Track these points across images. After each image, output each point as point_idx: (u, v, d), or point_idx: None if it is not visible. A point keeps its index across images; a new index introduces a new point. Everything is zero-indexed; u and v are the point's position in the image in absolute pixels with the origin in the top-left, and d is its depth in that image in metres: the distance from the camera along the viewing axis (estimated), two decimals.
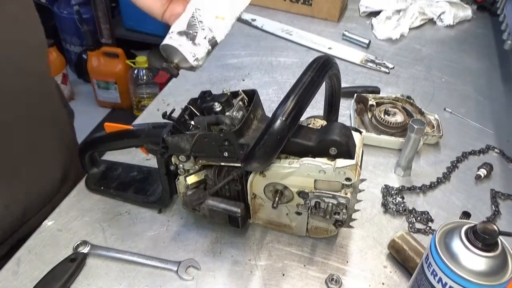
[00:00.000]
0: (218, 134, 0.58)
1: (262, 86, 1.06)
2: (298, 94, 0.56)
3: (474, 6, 1.44)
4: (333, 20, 1.34)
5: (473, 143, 0.92)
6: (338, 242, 0.71)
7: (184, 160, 0.64)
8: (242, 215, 0.65)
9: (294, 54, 1.19)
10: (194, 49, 0.50)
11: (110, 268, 0.66)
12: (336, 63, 0.62)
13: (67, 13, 2.53)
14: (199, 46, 0.50)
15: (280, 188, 0.63)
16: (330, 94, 0.68)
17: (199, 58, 0.50)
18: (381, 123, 0.90)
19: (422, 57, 1.21)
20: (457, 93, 1.08)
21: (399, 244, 0.66)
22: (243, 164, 0.58)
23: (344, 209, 0.61)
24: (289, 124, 0.54)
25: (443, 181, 0.83)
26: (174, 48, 0.50)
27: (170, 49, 0.51)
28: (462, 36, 1.33)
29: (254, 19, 1.32)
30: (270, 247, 0.70)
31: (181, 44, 0.50)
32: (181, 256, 0.67)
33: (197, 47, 0.50)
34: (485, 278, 0.46)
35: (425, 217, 0.75)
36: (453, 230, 0.50)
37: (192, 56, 0.50)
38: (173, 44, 0.50)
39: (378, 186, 0.81)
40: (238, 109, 0.61)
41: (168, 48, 0.51)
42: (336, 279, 0.65)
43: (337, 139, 0.56)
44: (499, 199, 0.80)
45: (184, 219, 0.73)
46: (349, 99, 0.99)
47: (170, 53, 0.52)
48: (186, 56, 0.50)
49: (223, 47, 1.21)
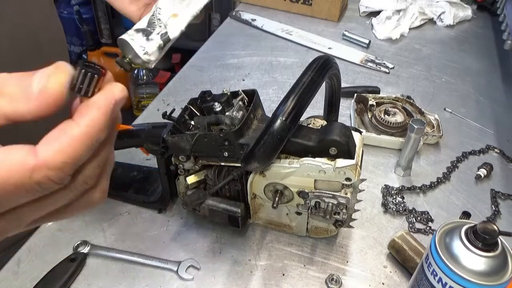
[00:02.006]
0: (218, 134, 0.58)
1: (262, 86, 1.06)
2: (298, 94, 0.56)
3: (474, 6, 1.44)
4: (333, 20, 1.34)
5: (473, 143, 0.92)
6: (338, 242, 0.71)
7: (184, 160, 0.64)
8: (242, 215, 0.65)
9: (294, 54, 1.19)
10: (145, 43, 0.52)
11: (110, 268, 0.66)
12: (336, 63, 0.62)
13: (67, 13, 2.53)
14: (151, 41, 0.53)
15: (280, 188, 0.63)
16: (330, 94, 0.68)
17: (149, 52, 0.52)
18: (381, 123, 0.90)
19: (422, 57, 1.21)
20: (457, 93, 1.08)
21: (399, 244, 0.66)
22: (243, 164, 0.58)
23: (344, 209, 0.61)
24: (289, 124, 0.54)
25: (443, 181, 0.83)
26: (126, 43, 0.52)
27: (124, 43, 0.53)
28: (462, 36, 1.33)
29: (254, 19, 1.32)
30: (270, 247, 0.70)
31: (134, 39, 0.53)
32: (181, 256, 0.67)
33: (149, 42, 0.53)
34: (485, 278, 0.46)
35: (425, 217, 0.75)
36: (453, 230, 0.50)
37: (142, 50, 0.52)
38: (126, 38, 0.53)
39: (378, 186, 0.81)
40: (238, 109, 0.61)
41: (123, 43, 0.53)
42: (336, 279, 0.65)
43: (337, 139, 0.56)
44: (499, 199, 0.80)
45: (184, 219, 0.73)
46: (349, 99, 0.99)
47: (124, 48, 0.54)
48: (135, 50, 0.52)
49: (223, 47, 1.21)
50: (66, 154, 0.27)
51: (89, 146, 0.28)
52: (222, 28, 1.31)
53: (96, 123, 0.28)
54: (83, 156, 0.28)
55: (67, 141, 0.27)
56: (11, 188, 0.27)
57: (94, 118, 0.28)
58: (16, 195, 0.28)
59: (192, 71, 1.11)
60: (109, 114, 0.29)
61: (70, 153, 0.27)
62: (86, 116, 0.28)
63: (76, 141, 0.27)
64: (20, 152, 0.27)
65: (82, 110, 0.28)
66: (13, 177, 0.27)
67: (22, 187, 0.27)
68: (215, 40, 1.25)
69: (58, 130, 0.28)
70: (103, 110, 0.28)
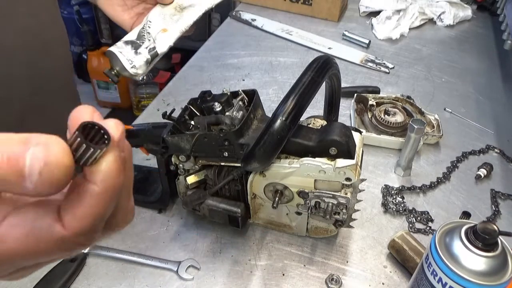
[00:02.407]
0: (218, 134, 0.58)
1: (262, 86, 1.06)
2: (298, 94, 0.56)
3: (474, 6, 1.44)
4: (333, 20, 1.34)
5: (473, 143, 0.92)
6: (338, 242, 0.71)
7: (184, 160, 0.64)
8: (242, 215, 0.65)
9: (294, 54, 1.19)
10: (133, 57, 0.53)
11: (110, 268, 0.66)
12: (336, 63, 0.62)
13: (67, 13, 2.53)
14: (139, 55, 0.53)
15: (280, 188, 0.63)
16: (330, 94, 0.68)
17: (136, 66, 0.53)
18: (381, 123, 0.90)
19: (422, 57, 1.21)
20: (457, 93, 1.08)
21: (399, 244, 0.66)
22: (243, 164, 0.58)
23: (344, 209, 0.61)
24: (289, 124, 0.54)
25: (443, 181, 0.83)
26: (115, 55, 0.53)
27: (112, 55, 0.54)
28: (462, 36, 1.33)
29: (254, 19, 1.32)
30: (270, 247, 0.70)
31: (122, 51, 0.53)
32: (181, 256, 0.67)
33: (137, 56, 0.53)
34: (485, 278, 0.46)
35: (425, 217, 0.75)
36: (453, 230, 0.50)
37: (129, 63, 0.53)
38: (114, 51, 0.54)
39: (378, 186, 0.81)
40: (238, 109, 0.61)
41: (111, 55, 0.54)
42: (336, 279, 0.65)
43: (337, 139, 0.56)
44: (499, 199, 0.80)
45: (184, 219, 0.73)
46: (349, 99, 0.99)
47: (112, 59, 0.54)
48: (123, 63, 0.52)
49: (223, 47, 1.21)
50: (93, 216, 0.26)
51: (112, 197, 0.27)
52: (222, 28, 1.31)
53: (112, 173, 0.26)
54: (110, 208, 0.27)
55: (91, 203, 0.26)
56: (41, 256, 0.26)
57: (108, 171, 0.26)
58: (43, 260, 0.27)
59: (192, 71, 1.11)
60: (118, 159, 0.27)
61: (97, 213, 0.26)
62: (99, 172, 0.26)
63: (100, 200, 0.26)
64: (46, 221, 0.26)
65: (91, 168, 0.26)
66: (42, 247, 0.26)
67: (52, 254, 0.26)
68: (215, 40, 1.25)
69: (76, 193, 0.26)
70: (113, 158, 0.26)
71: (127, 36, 0.55)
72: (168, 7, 0.57)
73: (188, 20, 0.57)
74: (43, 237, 0.25)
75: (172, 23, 0.56)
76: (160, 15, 0.56)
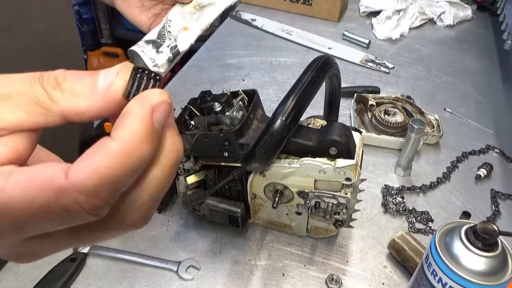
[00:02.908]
0: (218, 134, 0.58)
1: (262, 86, 1.06)
2: (298, 94, 0.56)
3: (474, 6, 1.44)
4: (333, 20, 1.34)
5: (473, 143, 0.92)
6: (338, 242, 0.71)
7: (184, 160, 0.64)
8: (242, 215, 0.65)
9: (294, 54, 1.19)
10: (155, 56, 0.53)
11: (110, 268, 0.66)
12: (336, 63, 0.62)
13: None
14: (161, 54, 0.53)
15: (280, 188, 0.63)
16: (330, 94, 0.68)
17: (158, 65, 0.53)
18: (381, 123, 0.90)
19: (422, 57, 1.21)
20: (457, 93, 1.08)
21: (399, 244, 0.66)
22: (243, 164, 0.58)
23: (344, 209, 0.61)
24: (289, 124, 0.54)
25: (443, 181, 0.83)
26: (137, 54, 0.53)
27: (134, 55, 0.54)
28: (462, 36, 1.33)
29: (254, 19, 1.32)
30: (270, 247, 0.70)
31: (144, 50, 0.53)
32: (181, 256, 0.67)
33: (159, 54, 0.53)
34: (485, 278, 0.46)
35: (425, 217, 0.75)
36: (453, 230, 0.50)
37: (151, 62, 0.53)
38: (136, 50, 0.54)
39: (378, 186, 0.81)
40: (238, 109, 0.61)
41: (133, 54, 0.54)
42: (336, 279, 0.65)
43: (337, 139, 0.56)
44: (499, 199, 0.80)
45: (184, 219, 0.73)
46: (349, 99, 0.99)
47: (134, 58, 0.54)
48: (145, 62, 0.52)
49: (223, 47, 1.21)
50: (100, 175, 0.22)
51: (129, 166, 0.23)
52: (222, 28, 1.31)
53: (135, 135, 0.23)
54: (123, 178, 0.23)
55: (102, 159, 0.22)
56: (36, 210, 0.23)
57: (132, 130, 0.23)
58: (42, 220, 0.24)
59: (192, 71, 1.11)
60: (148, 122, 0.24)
61: (106, 173, 0.22)
62: (121, 128, 0.23)
63: (112, 159, 0.23)
64: (52, 170, 0.23)
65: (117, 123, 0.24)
66: (39, 197, 0.23)
67: (47, 210, 0.23)
68: (215, 40, 1.25)
69: (93, 147, 0.23)
70: (140, 118, 0.24)
71: (148, 35, 0.55)
72: (187, 6, 0.57)
73: (209, 18, 0.57)
74: (43, 185, 0.23)
75: (193, 21, 0.56)
76: (180, 14, 0.56)
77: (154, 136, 0.24)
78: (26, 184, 0.23)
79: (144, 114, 0.24)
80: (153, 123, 0.24)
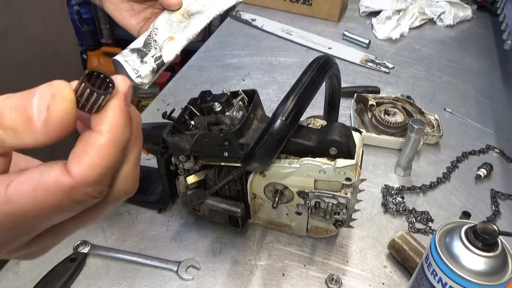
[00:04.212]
0: (218, 134, 0.58)
1: (262, 86, 1.06)
2: (298, 94, 0.56)
3: (474, 6, 1.44)
4: (333, 20, 1.34)
5: (473, 143, 0.92)
6: (338, 242, 0.71)
7: (184, 160, 0.64)
8: (242, 215, 0.65)
9: (294, 54, 1.19)
10: (139, 66, 0.52)
11: (110, 268, 0.66)
12: (336, 63, 0.62)
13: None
14: (145, 64, 0.52)
15: (280, 188, 0.63)
16: (330, 94, 0.68)
17: (142, 75, 0.52)
18: (381, 123, 0.90)
19: (422, 57, 1.21)
20: (457, 93, 1.08)
21: (399, 244, 0.66)
22: (243, 164, 0.58)
23: (344, 209, 0.61)
24: (289, 124, 0.54)
25: (443, 181, 0.83)
26: (120, 64, 0.52)
27: (118, 64, 0.53)
28: (462, 36, 1.33)
29: (254, 19, 1.32)
30: (270, 247, 0.70)
31: (128, 60, 0.53)
32: (181, 256, 0.67)
33: (143, 65, 0.52)
34: (485, 278, 0.46)
35: (425, 217, 0.75)
36: (453, 230, 0.50)
37: (135, 72, 0.52)
38: (120, 60, 0.53)
39: (378, 186, 0.81)
40: (238, 109, 0.61)
41: (116, 63, 0.53)
42: (336, 279, 0.65)
43: (337, 139, 0.56)
44: (499, 199, 0.80)
45: (184, 219, 0.73)
46: (349, 99, 0.99)
47: (118, 68, 0.54)
48: (128, 73, 0.52)
49: (223, 47, 1.21)
50: (99, 166, 0.26)
51: (119, 150, 0.27)
52: (222, 28, 1.31)
53: (117, 124, 0.26)
54: (116, 162, 0.27)
55: (97, 153, 0.26)
56: (52, 211, 0.26)
57: (113, 122, 0.26)
58: (58, 215, 0.27)
59: (192, 71, 1.11)
60: (125, 111, 0.27)
61: (103, 164, 0.26)
62: (104, 122, 0.26)
63: (105, 150, 0.26)
64: (52, 174, 0.25)
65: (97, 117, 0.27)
66: (51, 200, 0.25)
67: (62, 208, 0.26)
68: (215, 40, 1.25)
69: (82, 144, 0.26)
70: (118, 109, 0.27)
71: (133, 43, 0.54)
72: (175, 13, 0.56)
73: (195, 28, 0.56)
74: (51, 189, 0.25)
75: (179, 31, 0.55)
76: (167, 22, 0.55)
77: (130, 118, 0.28)
78: (34, 194, 0.25)
79: (121, 105, 0.27)
80: (128, 110, 0.28)
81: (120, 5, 0.60)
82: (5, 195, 0.25)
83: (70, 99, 0.25)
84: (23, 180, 0.25)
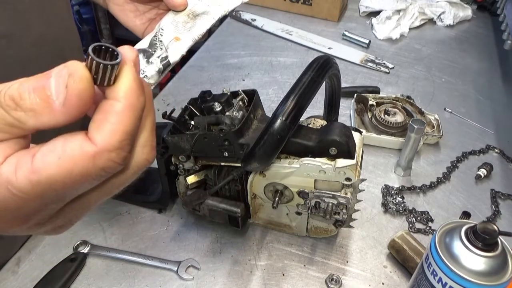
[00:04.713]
0: (218, 134, 0.58)
1: (262, 86, 1.06)
2: (298, 94, 0.56)
3: (474, 6, 1.44)
4: (333, 20, 1.34)
5: (473, 143, 0.92)
6: (338, 242, 0.71)
7: (184, 160, 0.64)
8: (242, 215, 0.65)
9: (294, 54, 1.19)
10: (145, 66, 0.52)
11: (110, 268, 0.66)
12: (336, 63, 0.62)
13: None
14: (151, 65, 0.52)
15: (280, 188, 0.63)
16: (330, 94, 0.68)
17: (148, 76, 0.52)
18: (381, 123, 0.90)
19: (422, 57, 1.21)
20: (457, 93, 1.08)
21: (399, 244, 0.66)
22: (243, 164, 0.58)
23: (344, 209, 0.61)
24: (289, 124, 0.54)
25: (443, 181, 0.83)
26: None
27: None
28: (462, 36, 1.33)
29: (254, 19, 1.32)
30: (270, 247, 0.70)
31: None
32: (181, 256, 0.67)
33: (149, 65, 0.52)
34: (485, 278, 0.46)
35: (425, 217, 0.75)
36: (453, 230, 0.50)
37: (141, 73, 0.51)
38: None
39: (378, 186, 0.81)
40: (238, 109, 0.61)
41: None
42: (336, 279, 0.65)
43: (337, 139, 0.56)
44: (499, 199, 0.80)
45: (184, 219, 0.73)
46: (349, 99, 0.99)
47: None
48: None
49: (223, 47, 1.21)
50: (120, 132, 0.27)
51: (136, 116, 0.28)
52: (222, 28, 1.31)
53: (133, 90, 0.28)
54: (135, 127, 0.28)
55: (116, 119, 0.27)
56: (78, 178, 0.27)
57: (128, 88, 0.28)
58: (84, 183, 0.28)
59: (192, 71, 1.11)
60: (137, 77, 0.28)
61: (123, 129, 0.27)
62: (119, 89, 0.27)
63: (124, 116, 0.27)
64: (75, 142, 0.26)
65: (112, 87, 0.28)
66: (77, 167, 0.26)
67: (88, 175, 0.27)
68: (215, 40, 1.25)
69: (100, 112, 0.27)
70: (131, 76, 0.28)
71: (139, 44, 0.54)
72: (180, 14, 0.55)
73: (201, 28, 0.55)
74: (76, 157, 0.26)
75: (185, 31, 0.54)
76: (173, 22, 0.55)
77: (142, 85, 0.29)
78: (60, 162, 0.26)
79: (132, 72, 0.28)
80: (139, 76, 0.29)
81: (125, 6, 0.60)
82: (32, 165, 0.26)
83: (87, 77, 0.26)
84: (48, 150, 0.26)
